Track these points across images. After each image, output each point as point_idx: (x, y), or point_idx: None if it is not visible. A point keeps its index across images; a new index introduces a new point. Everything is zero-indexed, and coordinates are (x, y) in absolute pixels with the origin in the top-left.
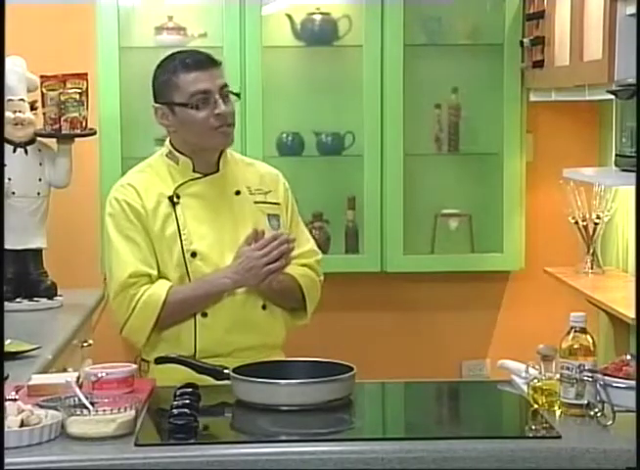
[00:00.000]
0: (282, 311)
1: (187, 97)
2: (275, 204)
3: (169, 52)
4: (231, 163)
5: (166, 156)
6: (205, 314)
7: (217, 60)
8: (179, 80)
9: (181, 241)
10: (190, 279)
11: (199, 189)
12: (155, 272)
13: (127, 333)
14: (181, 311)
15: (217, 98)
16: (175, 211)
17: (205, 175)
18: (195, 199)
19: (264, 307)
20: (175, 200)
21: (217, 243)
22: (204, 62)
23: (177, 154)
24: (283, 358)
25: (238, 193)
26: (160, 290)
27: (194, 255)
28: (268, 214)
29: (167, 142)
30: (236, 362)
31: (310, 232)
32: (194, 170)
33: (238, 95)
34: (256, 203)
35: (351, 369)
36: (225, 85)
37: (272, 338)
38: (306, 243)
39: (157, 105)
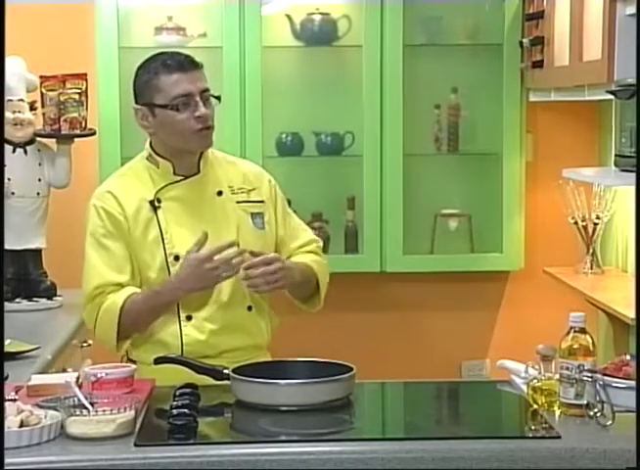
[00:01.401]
0: (268, 312)
1: (168, 99)
2: (259, 202)
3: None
4: (212, 162)
5: (147, 159)
6: (189, 317)
7: (198, 62)
8: (160, 82)
9: (164, 245)
10: None
11: (180, 192)
12: (126, 279)
13: (98, 339)
14: (139, 320)
15: (198, 100)
16: (157, 215)
17: (186, 178)
18: (176, 202)
19: (250, 308)
20: (156, 204)
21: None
22: (185, 64)
23: (157, 157)
24: (270, 359)
25: (220, 193)
26: (118, 298)
27: (177, 258)
28: (251, 213)
29: (147, 145)
30: (224, 363)
31: None
32: (174, 173)
33: (219, 98)
34: (239, 202)
35: (351, 369)
36: (206, 89)
37: (258, 339)
38: (304, 233)
39: (137, 106)
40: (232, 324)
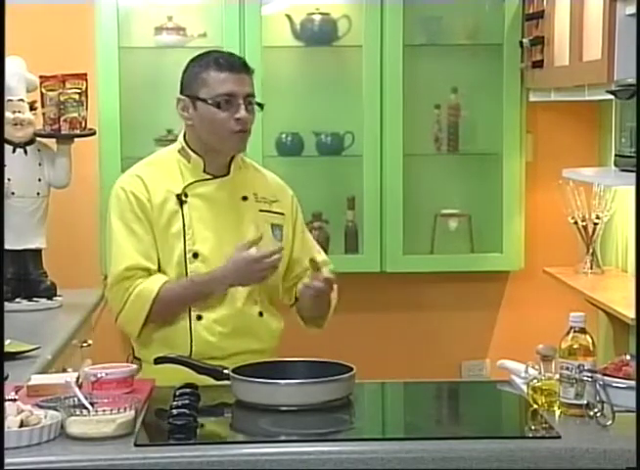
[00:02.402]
0: (278, 319)
1: (212, 95)
2: (280, 214)
3: (168, 52)
4: (241, 167)
5: (179, 151)
6: (199, 317)
7: (250, 67)
8: (209, 77)
9: (184, 240)
10: None
11: (207, 191)
12: (154, 267)
13: (121, 324)
14: (172, 308)
15: (240, 103)
16: (182, 209)
17: (215, 177)
18: (202, 200)
19: (261, 314)
20: (183, 198)
21: (219, 246)
22: (236, 65)
23: (190, 151)
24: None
25: (245, 198)
26: (152, 285)
27: (195, 255)
28: (272, 224)
29: (181, 138)
30: (232, 365)
31: (310, 232)
32: (204, 171)
33: (261, 106)
34: (261, 211)
35: (351, 369)
36: (251, 94)
37: (267, 343)
38: (318, 255)
39: (181, 96)
40: (242, 328)
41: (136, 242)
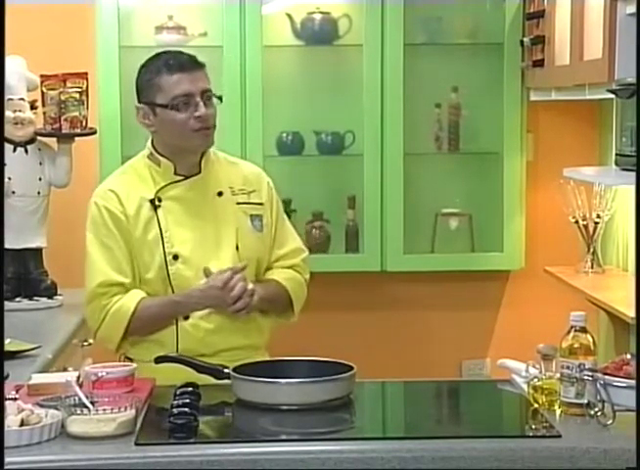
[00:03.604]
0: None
1: (168, 99)
2: (258, 204)
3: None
4: (214, 162)
5: (148, 157)
6: (186, 317)
7: (201, 62)
8: (161, 82)
9: (163, 244)
10: (171, 282)
11: (180, 192)
12: (128, 281)
13: (99, 340)
14: (149, 325)
15: (198, 100)
16: (157, 214)
17: (187, 177)
18: (176, 202)
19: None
20: (157, 203)
21: (199, 246)
22: (186, 64)
23: (158, 156)
24: (267, 358)
25: (220, 194)
26: (129, 302)
27: (175, 257)
28: (251, 215)
29: (149, 143)
30: (220, 362)
31: (310, 231)
32: (175, 173)
33: (220, 98)
34: (239, 203)
35: (351, 368)
36: (207, 90)
37: (255, 339)
38: (292, 242)
39: (139, 105)
40: (229, 324)
41: (109, 257)
